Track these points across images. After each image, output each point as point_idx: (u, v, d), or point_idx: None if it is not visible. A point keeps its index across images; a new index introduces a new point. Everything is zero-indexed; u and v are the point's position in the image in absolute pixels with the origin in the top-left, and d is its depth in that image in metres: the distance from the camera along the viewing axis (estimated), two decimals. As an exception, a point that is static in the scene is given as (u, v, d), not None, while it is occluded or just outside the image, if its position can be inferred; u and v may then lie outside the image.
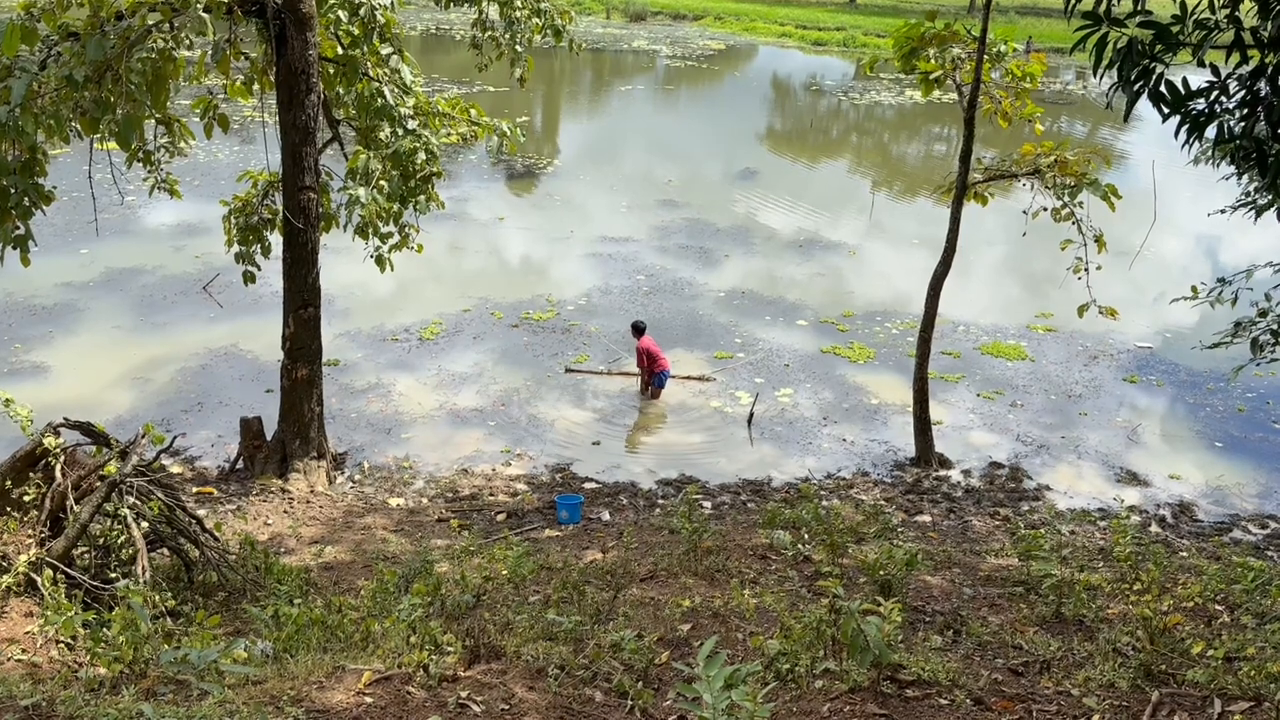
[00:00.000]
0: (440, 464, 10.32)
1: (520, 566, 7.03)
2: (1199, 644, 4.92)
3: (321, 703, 4.22)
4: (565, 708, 4.58)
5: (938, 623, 6.30)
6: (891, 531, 8.41)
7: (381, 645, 4.97)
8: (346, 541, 8.49)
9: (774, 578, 7.22)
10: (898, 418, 11.41)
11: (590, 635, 5.47)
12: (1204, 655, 4.84)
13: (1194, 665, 4.88)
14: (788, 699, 4.71)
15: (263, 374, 11.33)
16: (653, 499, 10.00)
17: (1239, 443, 11.13)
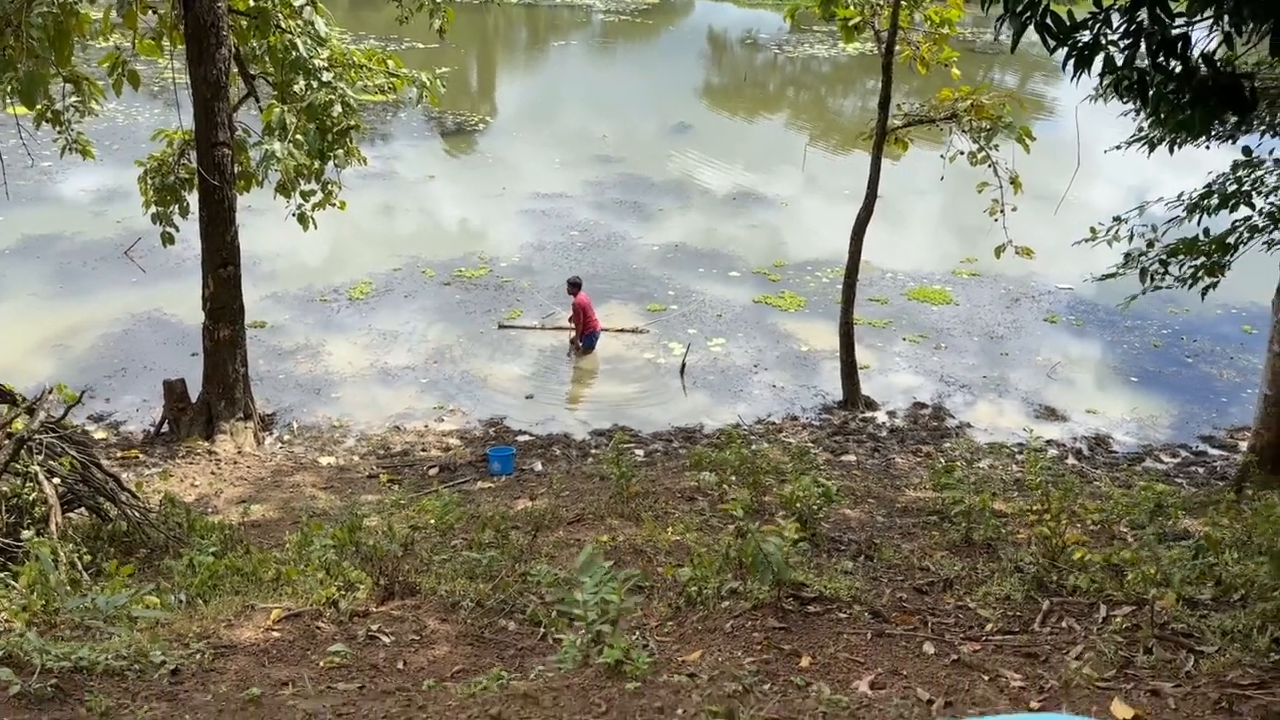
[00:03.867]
0: (372, 422, 10.31)
1: (447, 515, 7.09)
2: (1081, 550, 5.13)
3: (229, 639, 4.25)
4: (477, 637, 4.67)
5: (851, 550, 6.50)
6: (816, 470, 8.60)
7: (294, 586, 5.01)
8: (274, 500, 8.48)
9: (697, 517, 7.36)
10: (826, 363, 11.60)
11: (509, 573, 5.57)
12: (1086, 561, 5.06)
13: (1082, 572, 5.10)
14: (695, 619, 4.85)
15: (187, 338, 11.19)
16: (586, 449, 10.10)
17: (1153, 377, 11.50)
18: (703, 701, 3.25)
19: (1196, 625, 4.55)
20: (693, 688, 3.44)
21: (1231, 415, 10.60)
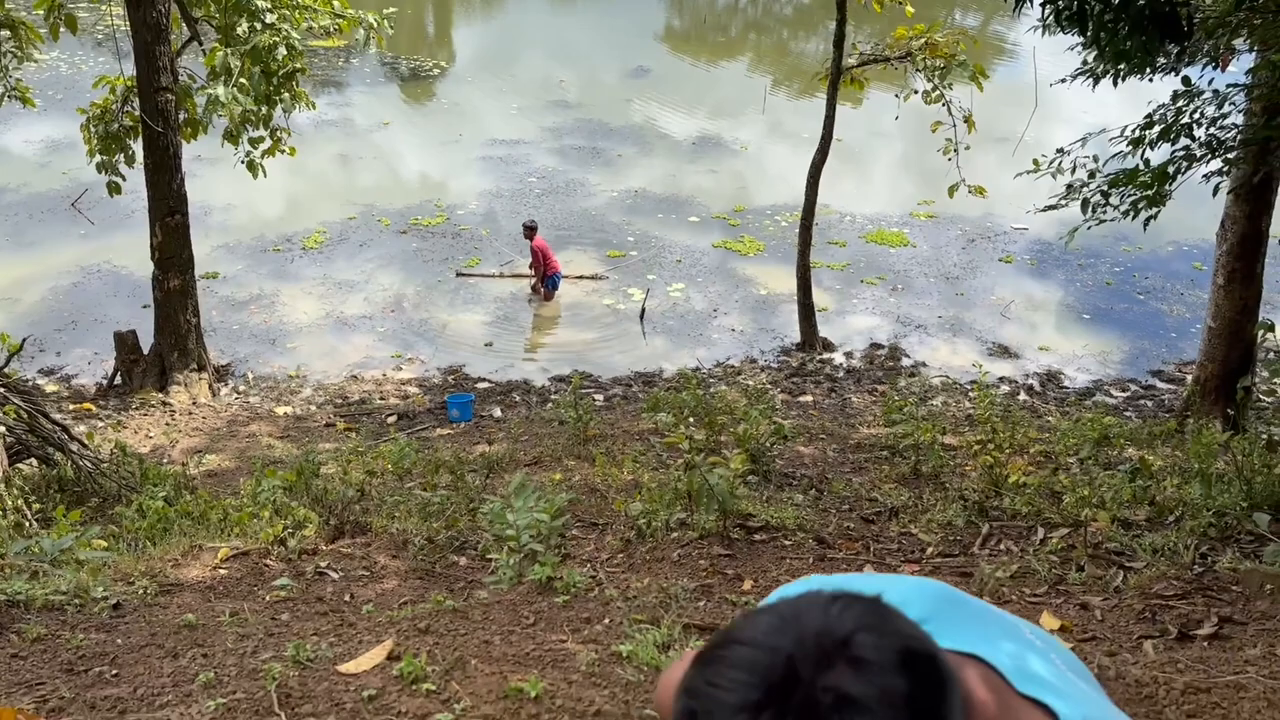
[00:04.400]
0: (328, 371, 10.27)
1: (403, 460, 7.10)
2: (1016, 472, 5.24)
3: (175, 577, 4.26)
4: (426, 571, 4.71)
5: (803, 485, 6.60)
6: (773, 410, 8.69)
7: (243, 528, 5.02)
8: (230, 449, 8.45)
9: (653, 457, 7.43)
10: (785, 307, 11.64)
11: (461, 512, 5.61)
12: (1025, 484, 5.17)
13: (1021, 495, 5.21)
14: (644, 550, 4.93)
15: (138, 289, 11.04)
16: (545, 395, 10.12)
17: (1105, 314, 11.66)
18: (628, 610, 3.32)
19: (1129, 544, 4.69)
20: (621, 599, 3.51)
21: (1181, 350, 10.79)
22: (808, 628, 0.99)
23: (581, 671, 2.75)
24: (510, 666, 2.75)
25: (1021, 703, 1.25)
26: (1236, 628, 3.63)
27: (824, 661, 0.96)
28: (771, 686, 0.95)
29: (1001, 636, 1.36)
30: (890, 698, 0.95)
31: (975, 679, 1.22)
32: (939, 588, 1.48)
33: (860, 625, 0.99)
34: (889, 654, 0.97)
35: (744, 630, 1.02)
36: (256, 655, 2.80)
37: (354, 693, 2.54)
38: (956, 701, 1.04)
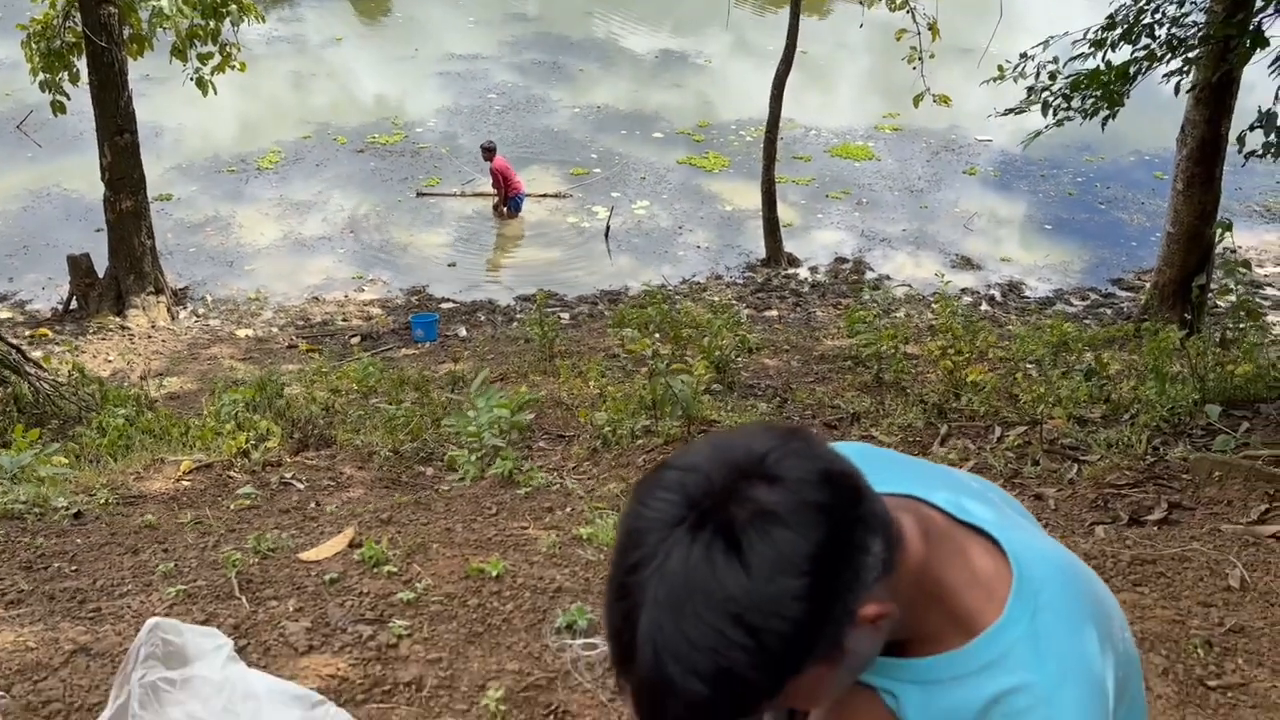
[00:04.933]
0: (289, 294, 10.14)
1: (368, 378, 7.07)
2: (975, 371, 5.31)
3: (138, 490, 4.25)
4: (393, 480, 4.73)
5: (767, 395, 6.66)
6: (739, 325, 8.73)
7: (205, 441, 4.99)
8: (191, 372, 8.38)
9: (619, 372, 7.45)
10: (750, 222, 11.60)
11: (427, 426, 5.61)
12: (983, 383, 5.24)
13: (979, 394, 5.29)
14: (610, 458, 4.97)
15: (90, 212, 10.78)
16: (510, 314, 10.09)
17: (1067, 224, 11.73)
18: (589, 499, 3.36)
19: (1083, 440, 4.78)
20: (583, 491, 3.55)
21: (1140, 259, 10.90)
22: (732, 450, 1.03)
23: (543, 553, 2.80)
24: (471, 550, 2.79)
25: (962, 530, 1.28)
26: (1185, 513, 3.73)
27: (742, 478, 0.99)
28: (692, 502, 0.99)
29: (938, 484, 1.39)
30: (807, 510, 0.98)
31: (907, 513, 1.25)
32: (876, 449, 1.51)
33: (780, 446, 1.03)
34: (806, 472, 1.01)
35: (676, 457, 1.06)
36: (218, 549, 2.81)
37: (315, 577, 2.57)
38: (877, 521, 1.06)
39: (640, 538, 1.00)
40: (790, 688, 1.03)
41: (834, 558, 0.99)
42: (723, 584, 0.95)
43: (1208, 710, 2.15)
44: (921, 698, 1.27)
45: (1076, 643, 1.22)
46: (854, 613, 1.04)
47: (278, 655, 2.22)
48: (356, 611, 2.40)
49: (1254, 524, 3.32)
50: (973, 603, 1.21)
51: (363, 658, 2.22)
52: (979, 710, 1.20)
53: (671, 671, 0.97)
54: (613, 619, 1.01)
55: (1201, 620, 2.46)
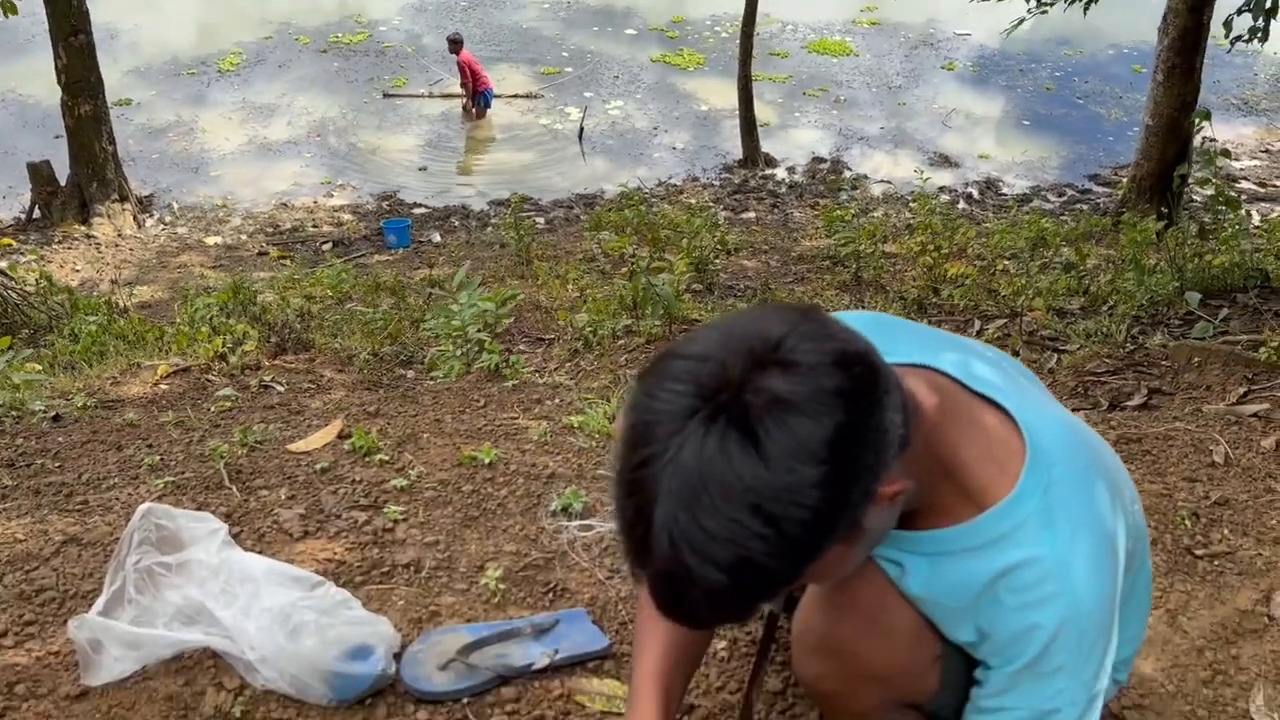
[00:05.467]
0: (257, 200, 9.94)
1: (342, 284, 6.97)
2: (955, 266, 5.31)
3: (115, 394, 4.19)
4: (374, 383, 4.69)
5: (746, 295, 6.63)
6: (716, 228, 8.66)
7: (180, 346, 4.92)
8: (162, 280, 8.24)
9: (598, 275, 7.39)
10: (727, 122, 11.43)
11: (406, 329, 5.56)
12: (963, 276, 5.24)
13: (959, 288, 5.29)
14: (591, 358, 4.95)
15: (48, 118, 10.44)
16: (485, 219, 9.95)
17: (1045, 119, 11.65)
18: (578, 390, 3.36)
19: (1063, 331, 4.81)
20: (571, 383, 3.54)
21: (1118, 154, 10.86)
22: (741, 336, 0.99)
23: (534, 442, 2.79)
24: (462, 439, 2.78)
25: (974, 400, 1.26)
26: (1165, 398, 3.77)
27: (756, 366, 0.96)
28: (705, 392, 0.95)
29: (945, 348, 1.37)
30: (822, 397, 0.95)
31: (921, 383, 1.23)
32: (883, 316, 1.48)
33: (793, 330, 0.99)
34: (821, 355, 0.97)
35: (681, 345, 1.02)
36: (203, 443, 2.78)
37: (305, 467, 2.55)
38: (893, 400, 1.04)
39: (650, 431, 0.96)
40: (809, 570, 1.02)
41: (853, 441, 0.97)
42: (740, 475, 0.93)
43: (1195, 578, 2.20)
44: (928, 569, 1.27)
45: (1088, 515, 1.22)
46: (874, 492, 1.02)
47: (273, 541, 2.21)
48: (350, 498, 2.39)
49: (1235, 405, 3.37)
50: (985, 476, 1.21)
51: (359, 542, 2.22)
52: (986, 583, 1.21)
53: (690, 562, 0.95)
54: (625, 513, 0.99)
55: (1187, 494, 2.50)
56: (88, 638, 1.80)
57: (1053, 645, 1.17)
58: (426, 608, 2.06)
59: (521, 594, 2.14)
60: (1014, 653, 1.20)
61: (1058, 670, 1.18)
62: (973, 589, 1.23)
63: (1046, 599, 1.17)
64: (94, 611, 1.85)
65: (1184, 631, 2.07)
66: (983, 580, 1.21)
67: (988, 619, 1.22)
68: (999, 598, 1.20)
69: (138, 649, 1.81)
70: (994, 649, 1.23)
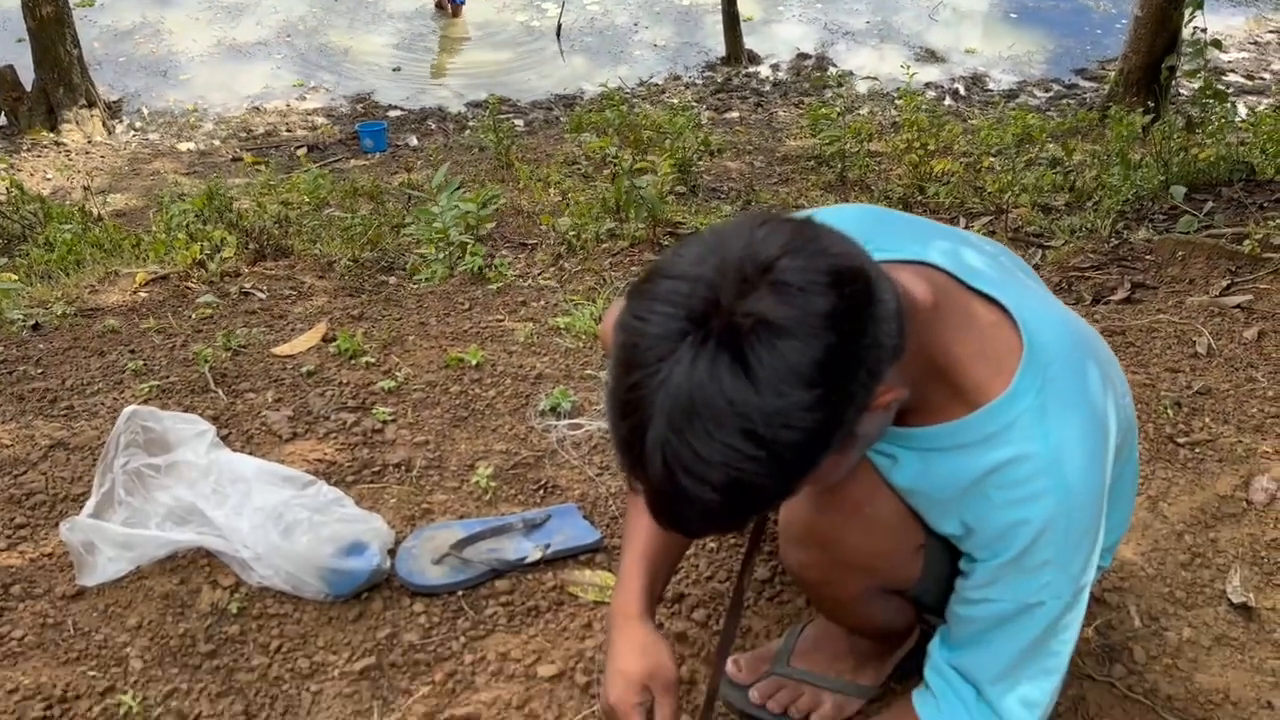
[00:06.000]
0: (228, 104, 9.69)
1: (319, 190, 6.84)
2: (942, 163, 5.26)
3: (94, 303, 4.14)
4: (356, 289, 4.65)
5: (730, 196, 6.56)
6: (700, 128, 8.52)
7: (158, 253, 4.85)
8: (135, 189, 8.08)
9: (580, 180, 7.28)
10: (709, 18, 11.14)
11: (386, 234, 5.49)
12: (948, 173, 5.20)
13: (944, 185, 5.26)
14: (575, 262, 4.92)
15: (9, 22, 10.09)
16: (462, 121, 9.75)
17: (1032, 13, 11.41)
18: (563, 292, 3.34)
19: (1048, 227, 4.80)
20: (556, 287, 3.52)
21: (1105, 47, 10.68)
22: (731, 254, 0.96)
23: (520, 343, 2.78)
24: (448, 342, 2.77)
25: (969, 296, 1.25)
26: (1148, 292, 3.79)
27: (745, 287, 0.94)
28: (694, 315, 0.94)
29: (941, 240, 1.35)
30: (812, 319, 0.93)
31: (914, 280, 1.21)
32: (874, 209, 1.46)
33: (785, 248, 0.96)
34: (813, 275, 0.95)
35: (670, 262, 0.99)
36: (186, 348, 2.76)
37: (291, 370, 2.54)
38: (887, 309, 1.02)
39: (640, 354, 0.96)
40: (808, 479, 1.03)
41: (845, 361, 0.96)
42: (730, 400, 0.92)
43: (1176, 465, 2.23)
44: (919, 464, 1.28)
45: (1083, 408, 1.21)
46: (867, 405, 1.02)
47: (261, 443, 2.21)
48: (338, 400, 2.39)
49: (1218, 297, 3.38)
50: (980, 375, 1.20)
51: (349, 443, 2.22)
52: (975, 479, 1.21)
53: (684, 483, 0.96)
54: (620, 433, 0.99)
55: (1170, 384, 2.53)
56: (80, 540, 1.81)
57: (1039, 540, 1.18)
58: (419, 505, 2.08)
59: (512, 491, 2.16)
60: (1000, 547, 1.22)
61: (1043, 565, 1.20)
62: (961, 484, 1.23)
63: (1036, 495, 1.18)
64: (84, 514, 1.85)
65: (1164, 517, 2.11)
66: (972, 475, 1.22)
67: (974, 513, 1.23)
68: (987, 493, 1.21)
69: (131, 549, 1.82)
70: (980, 543, 1.24)
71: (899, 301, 1.07)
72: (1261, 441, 2.31)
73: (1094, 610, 1.89)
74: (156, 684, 1.69)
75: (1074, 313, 1.44)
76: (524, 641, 1.82)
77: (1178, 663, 1.81)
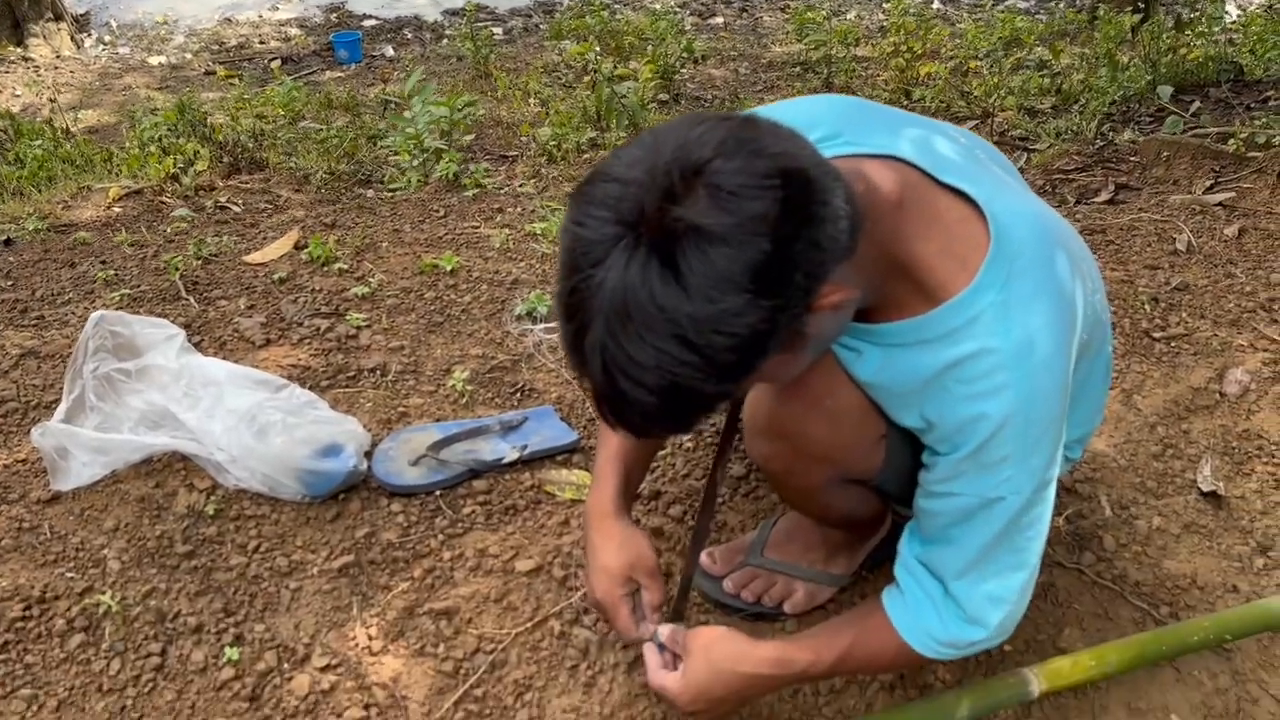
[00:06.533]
0: (199, 16, 9.43)
1: (294, 102, 6.70)
2: (929, 65, 5.17)
3: (67, 219, 4.08)
4: (333, 202, 4.59)
5: (714, 104, 6.46)
6: (683, 34, 8.34)
7: (130, 167, 4.76)
8: (107, 104, 7.89)
9: (561, 89, 7.14)
10: (693, -81, 10.82)
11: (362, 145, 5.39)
12: (935, 75, 5.12)
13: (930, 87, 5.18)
14: (555, 174, 4.85)
15: (-36, -69, 9.72)
16: (440, 31, 9.52)
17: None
18: (540, 198, 3.29)
19: (1033, 130, 4.74)
20: (532, 191, 3.48)
21: (1097, -51, 10.43)
22: (665, 156, 0.94)
23: (496, 249, 2.75)
24: (423, 248, 2.73)
25: (937, 191, 1.22)
26: (1132, 193, 3.76)
27: (679, 190, 0.92)
28: (627, 220, 0.92)
29: (911, 129, 1.32)
30: (744, 225, 0.91)
31: (882, 174, 1.19)
32: (848, 99, 1.42)
33: (719, 149, 0.93)
34: (747, 178, 0.92)
35: (608, 165, 0.97)
36: (158, 257, 2.73)
37: (263, 278, 2.51)
38: (833, 210, 0.99)
39: (577, 259, 0.95)
40: (748, 383, 1.02)
41: (780, 265, 0.93)
42: (661, 306, 0.91)
43: (1151, 359, 2.24)
44: (881, 358, 1.27)
45: (1048, 298, 1.18)
46: (809, 306, 1.00)
47: (234, 349, 2.19)
48: (311, 307, 2.36)
49: (1200, 196, 3.36)
50: (943, 272, 1.18)
51: (323, 348, 2.20)
52: (936, 373, 1.20)
53: (623, 386, 0.96)
54: (565, 334, 1.00)
55: (1149, 280, 2.52)
56: (53, 445, 1.80)
57: (998, 435, 1.18)
58: (395, 409, 2.08)
59: (489, 394, 2.15)
60: (959, 441, 1.21)
61: (1003, 460, 1.19)
62: (921, 378, 1.22)
63: (995, 389, 1.16)
64: (55, 419, 1.84)
65: (1138, 410, 2.12)
66: (933, 370, 1.21)
67: (934, 408, 1.23)
68: (947, 387, 1.20)
69: (105, 454, 1.81)
70: (940, 437, 1.24)
71: (852, 200, 1.04)
72: (1237, 335, 2.32)
73: (1065, 500, 1.92)
74: (135, 584, 1.70)
75: (1048, 206, 1.42)
76: (502, 538, 1.84)
77: (1147, 550, 1.84)
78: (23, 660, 1.58)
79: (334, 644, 1.62)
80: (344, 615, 1.67)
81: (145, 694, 1.53)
